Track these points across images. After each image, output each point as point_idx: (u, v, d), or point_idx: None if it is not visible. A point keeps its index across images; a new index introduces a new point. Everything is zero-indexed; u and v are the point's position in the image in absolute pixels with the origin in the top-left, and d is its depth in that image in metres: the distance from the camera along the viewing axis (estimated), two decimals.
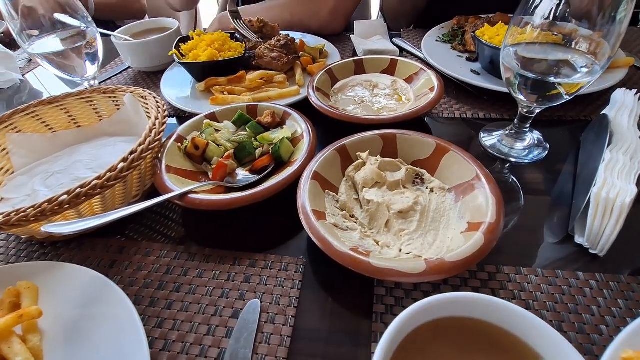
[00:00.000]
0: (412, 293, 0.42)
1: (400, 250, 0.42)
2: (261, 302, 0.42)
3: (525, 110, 0.56)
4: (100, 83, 0.91)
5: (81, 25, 0.74)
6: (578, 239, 0.45)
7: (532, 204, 0.52)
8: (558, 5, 0.46)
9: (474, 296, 0.30)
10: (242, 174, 0.56)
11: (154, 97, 0.61)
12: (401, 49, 0.91)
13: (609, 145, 0.47)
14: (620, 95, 0.54)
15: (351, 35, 0.93)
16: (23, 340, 0.37)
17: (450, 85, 0.77)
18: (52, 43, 0.73)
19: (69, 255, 0.50)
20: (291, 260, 0.46)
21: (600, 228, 0.42)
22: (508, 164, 0.60)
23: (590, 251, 0.44)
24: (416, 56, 0.87)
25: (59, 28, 0.73)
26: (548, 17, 0.46)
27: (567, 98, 0.51)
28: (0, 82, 0.99)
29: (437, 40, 0.89)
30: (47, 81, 1.00)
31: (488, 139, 0.63)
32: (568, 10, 0.45)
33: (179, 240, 0.51)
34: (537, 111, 0.56)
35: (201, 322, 0.41)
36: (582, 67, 0.49)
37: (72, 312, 0.40)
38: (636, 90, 0.54)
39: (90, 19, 0.74)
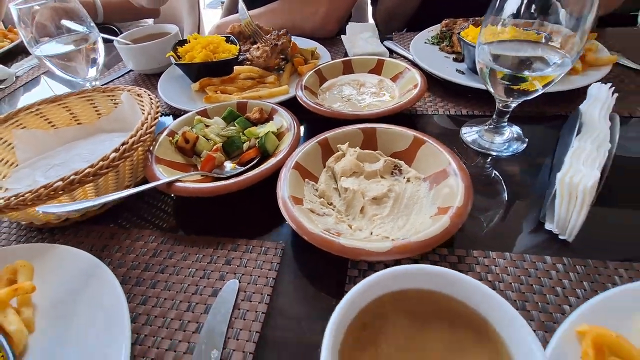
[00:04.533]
0: None
1: (371, 233, 0.44)
2: (240, 282, 0.44)
3: (501, 105, 0.58)
4: (102, 85, 0.96)
5: (85, 30, 0.78)
6: (548, 226, 0.47)
7: (510, 194, 0.54)
8: (528, 3, 0.48)
9: (426, 268, 0.32)
10: (230, 167, 0.59)
11: (149, 95, 0.64)
12: (391, 51, 0.94)
13: (578, 135, 0.49)
14: (596, 90, 0.55)
15: (342, 36, 0.96)
16: (17, 312, 0.40)
17: (438, 85, 0.79)
18: (57, 46, 0.78)
19: (64, 240, 0.53)
20: (271, 245, 0.48)
21: (567, 213, 0.44)
22: (489, 158, 0.61)
23: (560, 237, 0.46)
24: (406, 58, 0.90)
25: (64, 33, 0.78)
26: (517, 15, 0.49)
27: (540, 91, 0.53)
28: None
29: (425, 43, 0.91)
30: (55, 89, 1.05)
31: (469, 134, 0.65)
32: (533, 7, 0.47)
33: (167, 228, 0.54)
34: (513, 105, 0.58)
35: (182, 299, 0.43)
36: (553, 61, 0.51)
37: (63, 288, 0.43)
38: (610, 84, 0.55)
39: (92, 24, 0.79)
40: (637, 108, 0.67)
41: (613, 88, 0.54)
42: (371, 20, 1.48)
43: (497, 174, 0.58)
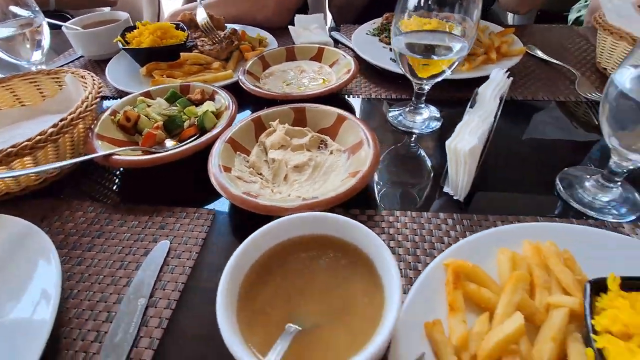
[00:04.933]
0: None
1: (289, 195, 0.50)
2: (171, 243, 0.49)
3: (417, 88, 0.65)
4: None
5: (30, 15, 0.79)
6: (446, 189, 0.54)
7: (422, 164, 0.62)
8: None
9: (317, 215, 0.38)
10: (171, 144, 0.63)
11: (92, 76, 0.67)
12: (337, 41, 1.00)
13: (471, 110, 0.56)
14: (494, 73, 0.64)
15: (289, 27, 1.01)
16: None
17: (375, 73, 0.86)
18: (2, 30, 0.78)
19: (4, 212, 0.55)
20: (204, 212, 0.53)
21: (457, 175, 0.51)
22: (413, 136, 0.69)
23: (454, 197, 0.53)
24: (349, 47, 0.96)
25: (10, 18, 0.79)
26: (418, 7, 0.56)
27: (446, 72, 0.60)
28: None
29: (367, 34, 0.98)
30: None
31: (395, 116, 0.72)
32: (430, 0, 0.54)
33: (106, 199, 0.57)
34: (427, 88, 0.65)
35: (116, 259, 0.47)
36: (455, 47, 0.59)
37: (1, 253, 0.46)
38: (506, 69, 0.64)
39: (37, 8, 0.80)
40: (540, 93, 0.76)
41: (508, 72, 0.63)
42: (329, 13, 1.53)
43: (415, 148, 0.66)
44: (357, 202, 0.53)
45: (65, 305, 0.42)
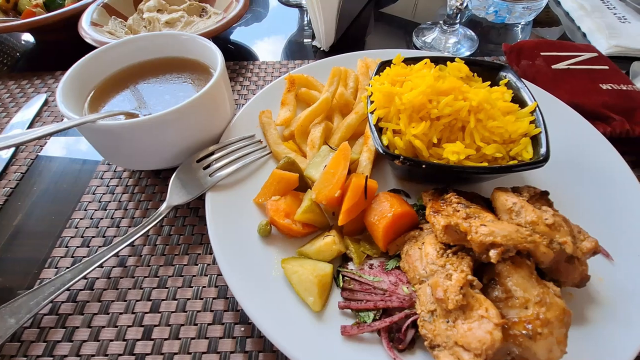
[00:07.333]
0: None
1: None
2: (47, 97, 0.52)
3: None
4: None
5: None
6: (314, 42, 0.60)
7: (306, 29, 0.67)
8: None
9: (171, 33, 0.43)
10: None
11: None
12: None
13: None
14: None
15: None
16: None
17: None
18: None
19: None
20: None
21: (318, 25, 0.57)
22: (299, 9, 0.72)
23: (322, 49, 0.60)
24: None
25: None
26: None
27: None
28: None
29: None
30: None
31: None
32: None
33: None
34: None
35: None
36: None
37: None
38: None
39: None
40: None
41: None
42: None
43: (301, 19, 0.70)
44: (236, 57, 0.58)
45: None
